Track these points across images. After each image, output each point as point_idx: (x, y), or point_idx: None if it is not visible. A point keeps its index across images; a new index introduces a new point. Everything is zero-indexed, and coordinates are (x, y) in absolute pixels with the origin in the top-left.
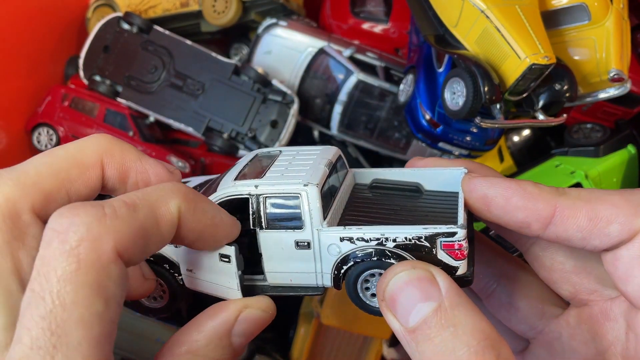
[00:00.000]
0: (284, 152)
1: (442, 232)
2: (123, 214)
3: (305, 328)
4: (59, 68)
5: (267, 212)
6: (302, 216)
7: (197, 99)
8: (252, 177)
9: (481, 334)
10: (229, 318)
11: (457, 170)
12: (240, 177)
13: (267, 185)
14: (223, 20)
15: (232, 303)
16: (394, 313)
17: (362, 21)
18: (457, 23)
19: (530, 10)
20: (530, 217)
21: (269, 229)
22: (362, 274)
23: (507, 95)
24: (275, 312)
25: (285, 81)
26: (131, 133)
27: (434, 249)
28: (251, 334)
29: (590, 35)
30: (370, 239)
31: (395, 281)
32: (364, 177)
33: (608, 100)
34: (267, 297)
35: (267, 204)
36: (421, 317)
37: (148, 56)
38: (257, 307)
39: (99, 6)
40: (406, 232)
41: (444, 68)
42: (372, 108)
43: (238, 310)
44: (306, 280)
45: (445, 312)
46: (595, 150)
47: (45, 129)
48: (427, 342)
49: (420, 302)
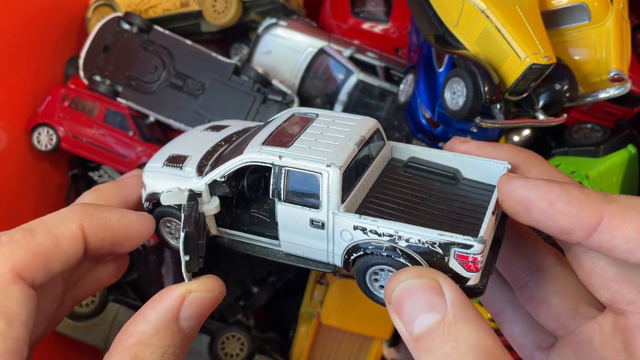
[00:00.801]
0: (320, 117)
1: (458, 242)
2: (19, 239)
3: (305, 328)
4: (59, 68)
5: (287, 184)
6: (320, 196)
7: (197, 98)
8: (280, 145)
9: (483, 351)
10: (173, 304)
11: (500, 165)
12: (270, 140)
13: (290, 158)
14: (223, 20)
15: (176, 289)
16: (400, 317)
17: (362, 21)
18: (457, 23)
19: (530, 10)
20: (574, 224)
21: (287, 202)
22: (372, 267)
23: (507, 95)
24: (224, 290)
25: (285, 81)
26: (131, 133)
27: (446, 257)
28: (201, 316)
29: (590, 35)
30: (383, 234)
31: (402, 287)
32: (402, 153)
33: (608, 100)
34: (212, 277)
35: (289, 176)
36: (425, 327)
37: (148, 56)
38: (202, 289)
39: (99, 6)
40: (421, 234)
41: (444, 68)
42: (372, 108)
43: (182, 296)
44: (317, 256)
45: (449, 325)
46: (596, 150)
47: (45, 129)
48: (429, 353)
49: (424, 312)
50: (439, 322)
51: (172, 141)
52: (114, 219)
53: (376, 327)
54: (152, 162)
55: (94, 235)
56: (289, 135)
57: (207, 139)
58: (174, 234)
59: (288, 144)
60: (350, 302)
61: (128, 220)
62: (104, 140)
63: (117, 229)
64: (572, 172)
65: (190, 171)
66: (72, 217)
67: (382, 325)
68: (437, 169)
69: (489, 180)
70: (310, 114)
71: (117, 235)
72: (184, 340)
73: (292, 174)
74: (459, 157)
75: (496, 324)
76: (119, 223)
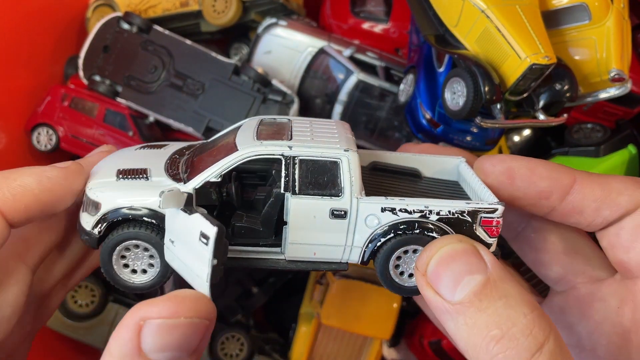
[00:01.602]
0: (295, 121)
1: (484, 207)
2: None
3: (305, 328)
4: (58, 68)
5: (301, 176)
6: (341, 183)
7: (197, 98)
8: (278, 139)
9: (530, 303)
10: (130, 337)
11: (455, 158)
12: (261, 137)
13: (303, 147)
14: (223, 20)
15: (128, 316)
16: (437, 287)
17: (362, 21)
18: (458, 23)
19: (530, 10)
20: (553, 185)
21: (302, 194)
22: (399, 249)
23: (508, 95)
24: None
25: (285, 81)
26: (131, 133)
27: (474, 224)
28: (177, 346)
29: (590, 35)
30: (414, 211)
31: (441, 255)
32: (362, 157)
33: (609, 100)
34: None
35: (302, 167)
36: (470, 289)
37: (148, 56)
38: (158, 315)
39: (99, 6)
40: (450, 205)
41: (444, 68)
42: (373, 108)
43: (136, 326)
44: (331, 255)
45: (495, 284)
46: (596, 150)
47: (45, 129)
48: (479, 313)
49: (468, 275)
50: (484, 282)
51: (104, 160)
52: (31, 184)
53: (376, 327)
54: (97, 178)
55: (13, 208)
56: (278, 132)
57: (152, 154)
58: (135, 265)
59: (286, 138)
60: (350, 302)
61: (49, 179)
62: (103, 140)
63: (38, 193)
64: None
65: (162, 180)
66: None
67: (382, 326)
68: (400, 168)
69: (446, 176)
70: (281, 119)
71: (42, 199)
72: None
73: (306, 164)
74: (417, 157)
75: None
76: (39, 186)
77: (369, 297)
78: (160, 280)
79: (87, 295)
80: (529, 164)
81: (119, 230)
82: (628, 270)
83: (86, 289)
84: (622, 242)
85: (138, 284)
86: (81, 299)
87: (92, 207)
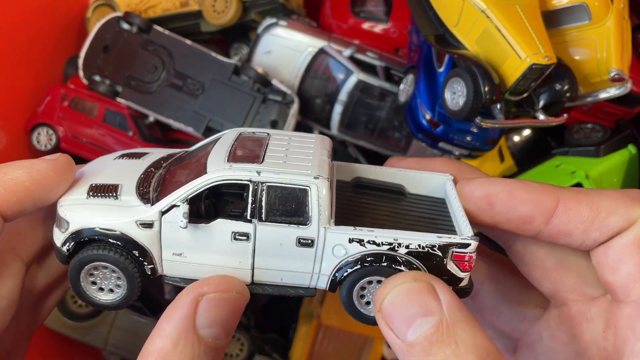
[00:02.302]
0: (273, 136)
1: (456, 242)
2: None
3: (306, 328)
4: (58, 68)
5: (269, 203)
6: (309, 211)
7: (197, 98)
8: (249, 161)
9: (483, 351)
10: (186, 312)
11: (442, 176)
12: (234, 158)
13: (271, 173)
14: (223, 20)
15: (184, 295)
16: (391, 326)
17: (362, 21)
18: (458, 23)
19: (530, 10)
20: (534, 210)
21: (269, 221)
22: (362, 279)
23: (508, 95)
24: (245, 290)
25: (285, 81)
26: (131, 133)
27: (445, 259)
28: (224, 322)
29: (590, 35)
30: (382, 243)
31: (395, 293)
32: (345, 172)
33: (609, 100)
34: (227, 276)
35: (270, 194)
36: (421, 332)
37: (148, 56)
38: (216, 289)
39: (99, 6)
40: (420, 239)
41: (444, 68)
42: (373, 108)
43: (194, 302)
44: (298, 280)
45: (447, 328)
46: (596, 150)
47: (44, 129)
48: (428, 357)
49: (420, 317)
50: (436, 325)
51: (83, 169)
52: (22, 177)
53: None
54: (69, 194)
55: (5, 202)
56: (252, 152)
57: (129, 166)
58: (102, 284)
59: (258, 160)
60: None
61: (38, 172)
62: (103, 140)
63: (29, 186)
64: (572, 172)
65: (130, 200)
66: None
67: None
68: (384, 185)
69: (433, 193)
70: (260, 133)
71: (33, 191)
72: (211, 352)
73: (273, 190)
74: (402, 173)
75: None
76: (29, 179)
77: None
78: (126, 301)
79: None
80: (508, 187)
81: (87, 250)
82: (614, 292)
83: None
84: (609, 262)
85: (104, 302)
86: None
87: (61, 225)
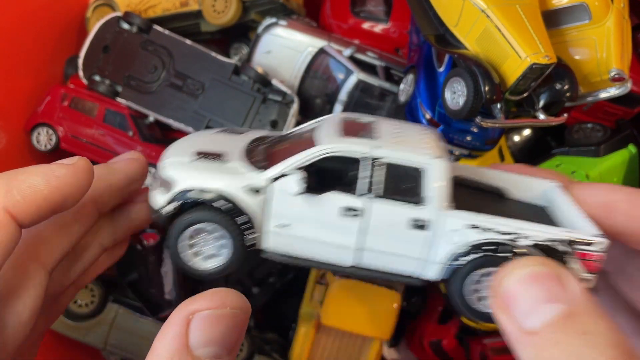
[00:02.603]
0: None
1: (585, 239)
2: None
3: (305, 328)
4: (58, 68)
5: (384, 179)
6: (426, 192)
7: (197, 98)
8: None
9: (617, 345)
10: (177, 332)
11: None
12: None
13: (390, 149)
14: (223, 20)
15: (175, 314)
16: (510, 311)
17: (362, 21)
18: (458, 22)
19: (530, 10)
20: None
21: (383, 197)
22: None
23: (508, 94)
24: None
25: (285, 81)
26: (131, 133)
27: (567, 256)
28: (222, 339)
29: (590, 34)
30: (505, 232)
31: (518, 276)
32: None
33: (609, 100)
34: (222, 290)
35: (387, 170)
36: (545, 319)
37: (148, 56)
38: (207, 307)
39: (99, 6)
40: (545, 232)
41: (444, 68)
42: (373, 108)
43: (184, 320)
44: (404, 267)
45: (578, 317)
46: (596, 150)
47: (44, 129)
48: (554, 347)
49: (545, 303)
50: (565, 314)
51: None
52: (40, 185)
53: (376, 327)
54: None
55: (24, 211)
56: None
57: (232, 139)
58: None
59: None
60: (350, 302)
61: (57, 179)
62: (103, 140)
63: (47, 194)
64: (572, 171)
65: (238, 166)
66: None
67: (382, 326)
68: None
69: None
70: (366, 118)
71: (52, 198)
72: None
73: (391, 167)
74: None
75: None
76: (48, 187)
77: (368, 297)
78: (224, 270)
79: (87, 295)
80: (630, 196)
81: (193, 211)
82: None
83: (86, 289)
84: None
85: (202, 269)
86: (81, 299)
87: (164, 186)
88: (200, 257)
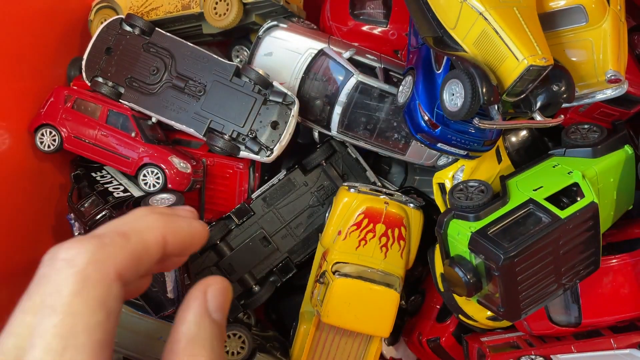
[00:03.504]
0: None
1: None
2: (118, 242)
3: (306, 327)
4: (61, 70)
5: None
6: None
7: (199, 100)
8: None
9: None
10: (200, 300)
11: None
12: None
13: None
14: (224, 23)
15: (196, 287)
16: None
17: (362, 23)
18: (456, 25)
19: (528, 12)
20: None
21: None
22: None
23: (505, 96)
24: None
25: (285, 82)
26: (133, 134)
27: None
28: (224, 308)
29: (587, 36)
30: None
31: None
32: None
33: (605, 101)
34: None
35: None
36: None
37: (150, 58)
38: (215, 281)
39: (101, 8)
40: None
41: (442, 69)
42: (372, 109)
43: (203, 292)
44: None
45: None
46: (593, 150)
47: (48, 130)
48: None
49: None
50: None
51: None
52: (185, 227)
53: (375, 325)
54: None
55: (171, 242)
56: None
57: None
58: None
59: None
60: (349, 301)
61: (194, 228)
62: (106, 141)
63: (185, 236)
64: (569, 172)
65: None
66: (157, 226)
67: (381, 324)
68: None
69: None
70: None
71: (186, 241)
72: (221, 335)
73: None
74: None
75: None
76: (189, 231)
77: (368, 296)
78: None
79: None
80: None
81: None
82: None
83: None
84: None
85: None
86: None
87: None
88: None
